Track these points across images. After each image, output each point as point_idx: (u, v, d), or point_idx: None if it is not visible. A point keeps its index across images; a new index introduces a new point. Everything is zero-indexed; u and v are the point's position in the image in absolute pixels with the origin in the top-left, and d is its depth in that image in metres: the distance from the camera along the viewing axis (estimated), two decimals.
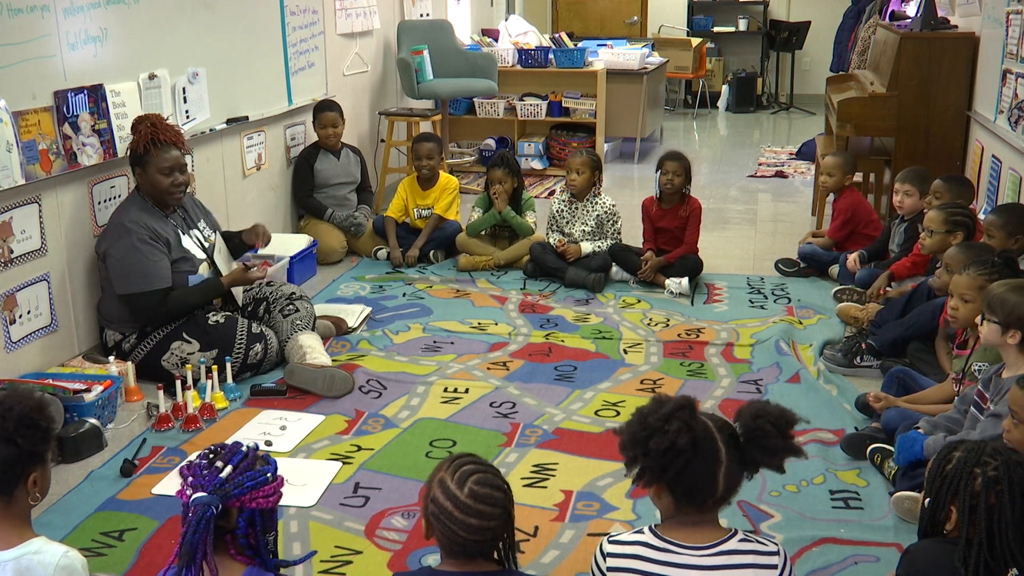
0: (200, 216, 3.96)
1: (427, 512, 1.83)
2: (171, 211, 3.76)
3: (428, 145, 5.37)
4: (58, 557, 1.85)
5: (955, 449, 1.97)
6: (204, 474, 1.82)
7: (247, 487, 1.81)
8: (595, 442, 3.20)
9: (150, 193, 3.69)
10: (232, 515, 1.81)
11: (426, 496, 1.84)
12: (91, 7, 3.66)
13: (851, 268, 4.65)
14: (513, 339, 4.14)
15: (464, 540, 1.79)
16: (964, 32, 5.58)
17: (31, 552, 1.85)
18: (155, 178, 3.65)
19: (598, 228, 5.02)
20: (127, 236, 3.57)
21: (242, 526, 1.81)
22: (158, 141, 3.64)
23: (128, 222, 3.60)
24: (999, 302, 2.66)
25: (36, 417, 1.89)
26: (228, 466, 1.83)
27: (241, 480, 1.81)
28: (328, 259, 5.26)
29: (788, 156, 8.49)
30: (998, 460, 1.89)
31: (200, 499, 1.78)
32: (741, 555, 1.79)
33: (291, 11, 5.33)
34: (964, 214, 3.97)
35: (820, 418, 3.29)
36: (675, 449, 1.74)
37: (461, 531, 1.78)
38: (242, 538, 1.82)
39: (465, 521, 1.77)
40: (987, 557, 1.83)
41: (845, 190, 5.06)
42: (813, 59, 11.54)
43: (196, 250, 3.79)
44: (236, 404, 3.53)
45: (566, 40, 8.27)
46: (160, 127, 3.68)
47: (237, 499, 1.80)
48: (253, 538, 1.83)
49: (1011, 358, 2.69)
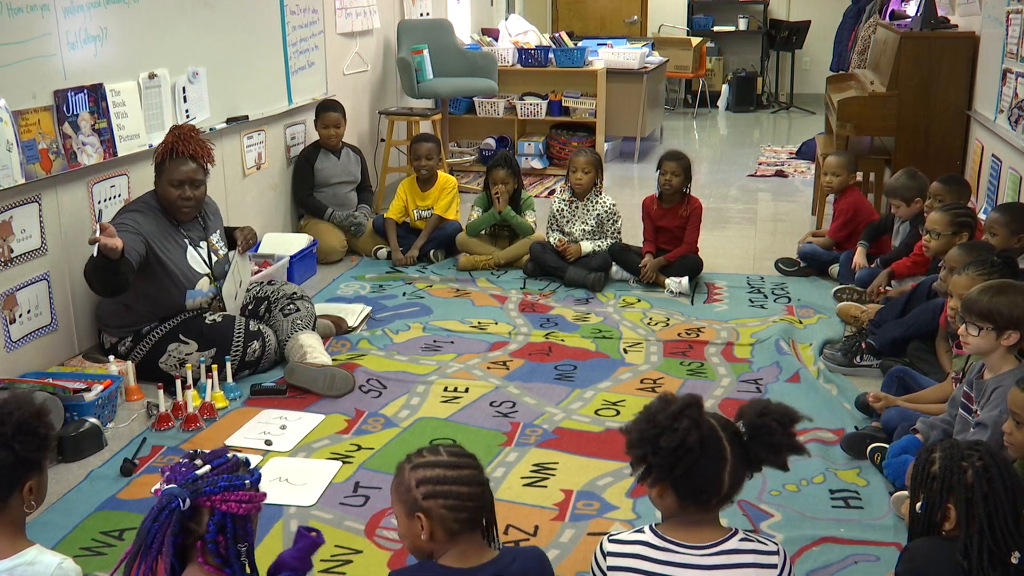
0: (214, 230, 3.89)
1: (417, 505, 1.81)
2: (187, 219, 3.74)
3: (427, 145, 5.37)
4: (53, 568, 1.82)
5: (933, 451, 1.99)
6: (181, 470, 1.80)
7: (220, 487, 1.77)
8: (595, 441, 3.20)
9: (162, 202, 3.69)
10: (203, 518, 1.77)
11: (404, 496, 1.84)
12: (91, 6, 3.66)
13: (858, 264, 4.62)
14: (513, 338, 4.14)
15: (468, 497, 1.81)
16: (964, 32, 5.58)
17: (25, 563, 1.81)
18: (166, 189, 3.64)
19: (598, 227, 5.02)
20: (122, 214, 3.60)
21: (211, 530, 1.77)
22: (176, 152, 3.61)
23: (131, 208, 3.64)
24: (989, 310, 2.64)
25: (35, 424, 1.86)
26: (207, 465, 1.81)
27: (215, 480, 1.78)
28: (328, 258, 5.26)
29: (788, 155, 8.49)
30: (980, 451, 1.93)
31: (169, 490, 1.75)
32: (741, 554, 1.79)
33: (291, 10, 5.33)
34: (967, 214, 3.97)
35: (820, 417, 3.30)
36: (685, 447, 1.74)
37: (463, 487, 1.81)
38: (211, 543, 1.77)
39: (461, 475, 1.82)
40: (990, 545, 1.85)
41: (847, 190, 5.05)
42: (813, 58, 11.54)
43: (199, 264, 3.76)
44: (236, 403, 3.53)
45: (566, 39, 8.27)
46: (184, 139, 3.64)
47: (207, 497, 1.76)
48: (223, 546, 1.78)
49: (993, 359, 2.68)
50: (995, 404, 2.58)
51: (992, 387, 2.64)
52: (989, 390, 2.64)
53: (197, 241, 3.78)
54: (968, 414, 2.73)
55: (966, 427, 2.71)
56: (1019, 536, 1.87)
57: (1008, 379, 2.58)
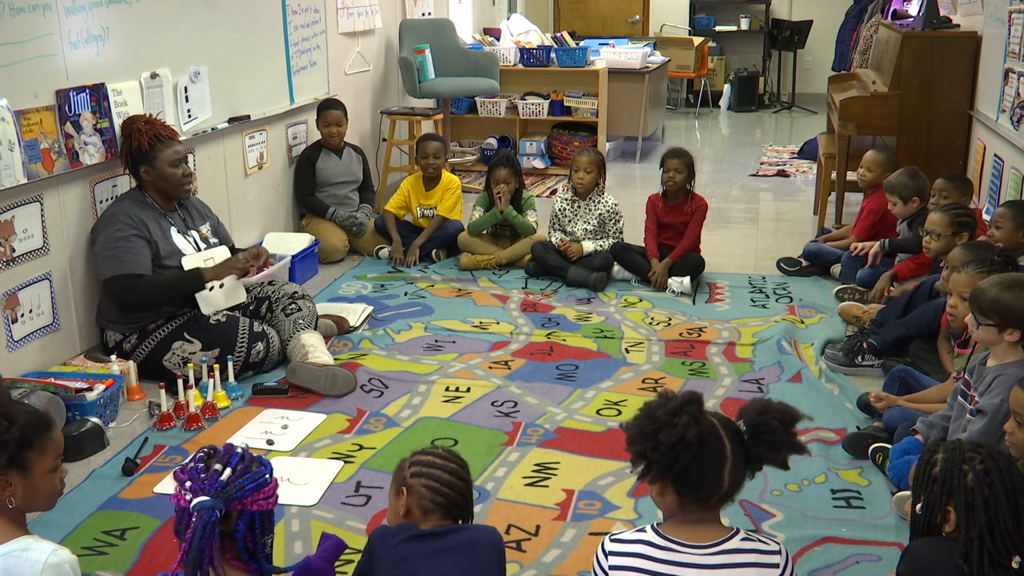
0: (204, 220, 3.96)
1: (404, 483, 2.03)
2: (171, 209, 3.78)
3: (434, 144, 5.38)
4: (46, 555, 1.82)
5: (935, 452, 1.98)
6: (203, 478, 1.80)
7: (248, 489, 1.80)
8: (597, 441, 3.20)
9: (161, 189, 3.73)
10: (231, 518, 1.80)
11: (397, 476, 2.07)
12: (93, 6, 3.66)
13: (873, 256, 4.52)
14: (515, 338, 4.14)
15: (448, 484, 2.02)
16: (966, 31, 5.57)
17: (19, 549, 1.83)
18: (166, 171, 3.69)
19: (600, 227, 5.02)
20: (113, 222, 3.61)
21: (241, 529, 1.80)
22: (160, 136, 3.69)
23: (118, 211, 3.65)
24: (991, 304, 2.63)
25: None
26: (227, 469, 1.82)
27: (242, 483, 1.80)
28: (330, 258, 5.26)
29: (790, 155, 8.48)
30: (982, 453, 1.92)
31: (203, 503, 1.76)
32: (743, 554, 1.79)
33: (293, 10, 5.33)
34: (967, 214, 3.96)
35: (822, 417, 3.30)
36: (684, 442, 1.74)
37: (446, 474, 2.03)
38: (240, 541, 1.80)
39: (447, 465, 2.06)
40: (990, 549, 1.84)
41: (879, 188, 4.89)
42: (815, 58, 11.52)
43: (190, 250, 3.78)
44: (238, 403, 3.53)
45: (568, 39, 8.26)
46: (157, 124, 3.74)
47: (239, 502, 1.79)
48: (251, 541, 1.82)
49: (999, 350, 2.67)
50: (996, 392, 2.57)
51: (994, 374, 2.62)
52: (990, 377, 2.62)
53: (186, 230, 3.83)
54: (965, 400, 2.72)
55: (963, 414, 2.70)
56: (1020, 540, 1.86)
57: (1012, 369, 2.57)
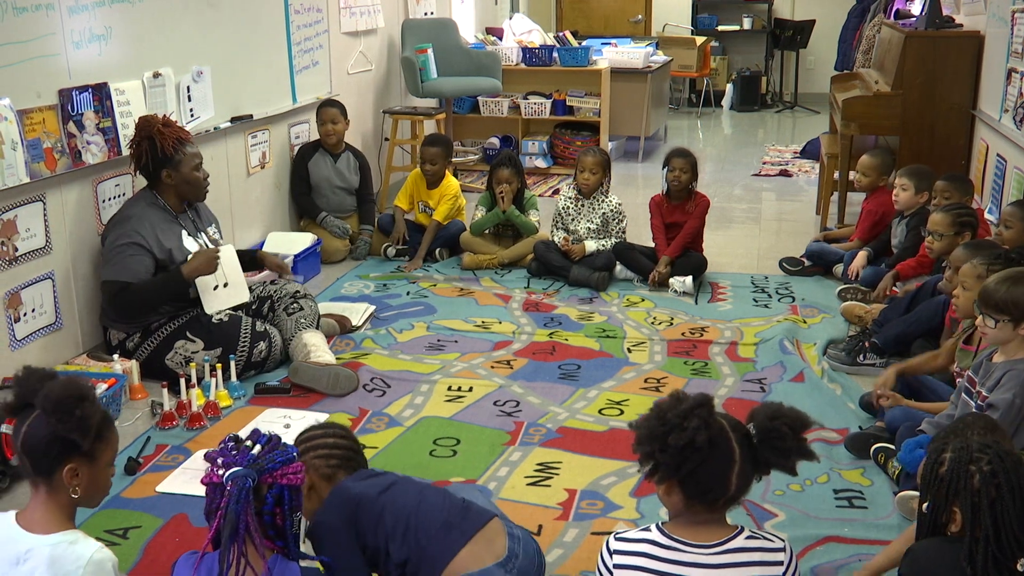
0: (210, 222, 3.97)
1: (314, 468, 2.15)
2: (182, 211, 3.79)
3: (432, 150, 5.33)
4: (92, 551, 1.87)
5: (944, 451, 1.96)
6: (234, 454, 1.87)
7: (279, 462, 1.86)
8: (599, 441, 3.20)
9: (181, 192, 3.74)
10: (261, 492, 1.85)
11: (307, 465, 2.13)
12: (95, 5, 3.67)
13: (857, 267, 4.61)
14: (517, 338, 4.14)
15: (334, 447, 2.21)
16: (969, 31, 5.56)
17: (67, 541, 1.87)
18: (190, 175, 3.71)
19: (603, 226, 5.02)
20: (122, 226, 3.61)
21: (269, 503, 1.85)
22: (183, 139, 3.70)
23: (130, 215, 3.65)
24: (1004, 300, 2.62)
25: (72, 404, 1.87)
26: (257, 445, 1.89)
27: (273, 456, 1.87)
28: (331, 258, 5.25)
29: (792, 155, 8.47)
30: (989, 454, 1.89)
31: (237, 472, 1.82)
32: (748, 552, 1.79)
33: (295, 9, 5.33)
34: (969, 214, 3.96)
35: (824, 417, 3.29)
36: (693, 446, 1.74)
37: (330, 439, 2.23)
38: (267, 515, 1.85)
39: (327, 431, 2.27)
40: (995, 550, 1.83)
41: (877, 190, 4.95)
42: (817, 58, 11.51)
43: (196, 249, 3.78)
44: (240, 402, 3.53)
45: (570, 39, 8.26)
46: (175, 126, 3.72)
47: (270, 474, 1.84)
48: (280, 517, 1.86)
49: (1010, 347, 2.67)
50: (1008, 387, 2.57)
51: (1004, 370, 2.61)
52: (999, 373, 2.62)
53: (196, 231, 3.82)
54: (971, 398, 2.71)
55: (967, 411, 2.70)
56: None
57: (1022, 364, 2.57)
